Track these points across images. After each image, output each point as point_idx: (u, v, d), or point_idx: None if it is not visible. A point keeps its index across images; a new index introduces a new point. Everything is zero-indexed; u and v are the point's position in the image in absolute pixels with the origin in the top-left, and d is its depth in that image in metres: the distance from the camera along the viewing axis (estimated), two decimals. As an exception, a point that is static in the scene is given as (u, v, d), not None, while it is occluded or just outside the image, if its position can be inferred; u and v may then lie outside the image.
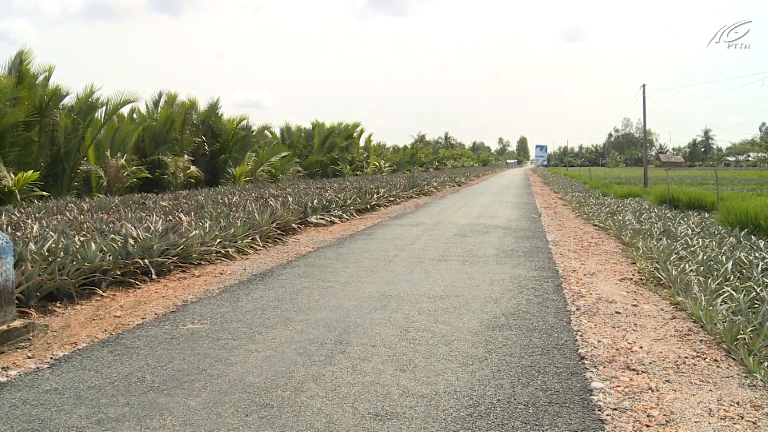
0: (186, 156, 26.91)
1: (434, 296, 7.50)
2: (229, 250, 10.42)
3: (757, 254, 9.56)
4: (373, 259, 10.14)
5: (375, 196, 21.86)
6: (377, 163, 54.01)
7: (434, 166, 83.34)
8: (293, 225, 13.95)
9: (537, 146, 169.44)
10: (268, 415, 4.02)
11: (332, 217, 16.32)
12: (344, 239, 12.81)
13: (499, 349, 5.46)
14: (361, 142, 53.72)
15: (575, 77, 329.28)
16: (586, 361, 5.19)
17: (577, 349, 5.49)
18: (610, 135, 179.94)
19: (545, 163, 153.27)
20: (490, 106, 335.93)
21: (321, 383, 4.59)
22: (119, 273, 8.05)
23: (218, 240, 10.41)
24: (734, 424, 4.03)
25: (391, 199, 23.51)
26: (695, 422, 4.04)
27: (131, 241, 8.85)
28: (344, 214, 17.34)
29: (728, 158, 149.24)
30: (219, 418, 3.96)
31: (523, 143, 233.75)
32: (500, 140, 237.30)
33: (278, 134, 42.72)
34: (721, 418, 4.11)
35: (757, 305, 6.49)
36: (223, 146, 30.32)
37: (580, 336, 5.91)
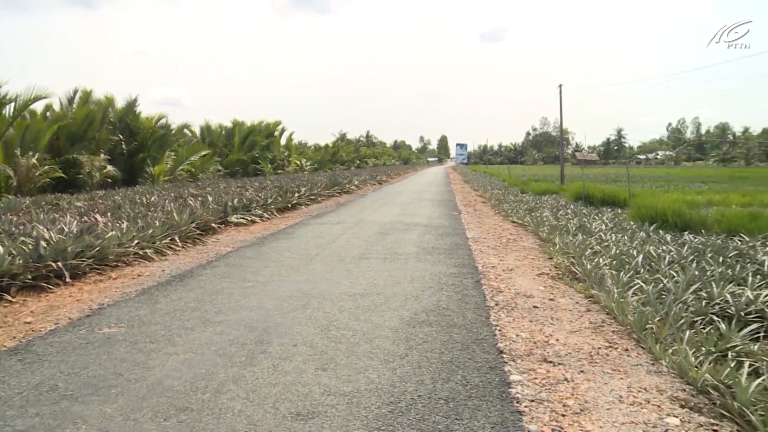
0: (102, 155, 26.12)
1: (355, 294, 7.51)
2: (148, 251, 10.19)
3: (664, 248, 9.96)
4: (294, 258, 10.09)
5: (296, 195, 21.74)
6: (298, 162, 53.75)
7: (356, 164, 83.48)
8: (213, 225, 13.75)
9: (457, 144, 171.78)
10: (188, 418, 3.96)
11: (253, 217, 16.16)
12: (265, 238, 12.70)
13: (420, 345, 5.52)
14: (283, 141, 53.38)
15: (495, 77, 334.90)
16: (504, 355, 5.30)
17: (496, 344, 5.60)
18: (529, 134, 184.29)
19: (465, 161, 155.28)
20: (411, 105, 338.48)
21: (242, 384, 4.54)
22: (30, 277, 7.77)
23: (136, 241, 10.17)
24: (642, 408, 4.22)
25: (313, 197, 23.44)
26: (607, 409, 4.20)
27: (43, 243, 8.56)
28: (265, 213, 17.20)
29: (639, 156, 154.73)
30: (136, 424, 3.87)
31: (443, 142, 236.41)
32: (421, 139, 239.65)
33: (198, 133, 41.95)
34: (630, 404, 4.29)
35: (664, 296, 6.76)
36: (141, 145, 29.57)
37: (499, 331, 6.02)
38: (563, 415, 4.11)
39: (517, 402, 4.30)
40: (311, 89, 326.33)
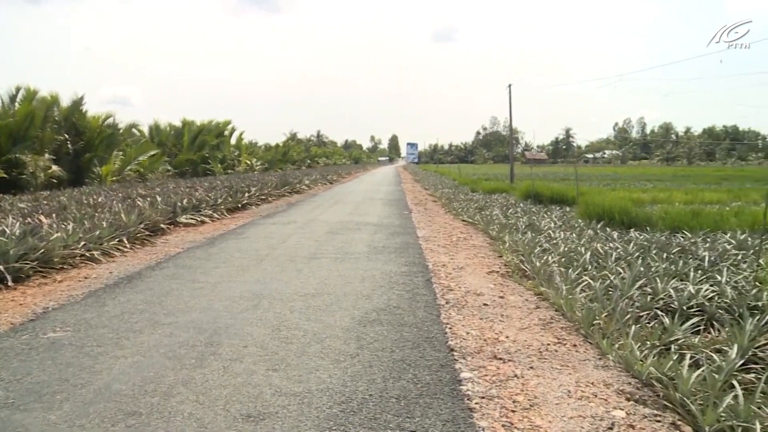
0: (47, 155, 25.56)
1: (306, 294, 7.49)
2: (95, 252, 10.00)
3: (611, 245, 10.16)
4: (245, 259, 10.01)
5: (246, 194, 21.58)
6: (249, 162, 53.37)
7: (306, 164, 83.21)
8: (162, 225, 13.56)
9: (408, 144, 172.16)
10: (136, 423, 3.90)
11: (203, 217, 15.99)
12: (215, 239, 12.58)
13: (371, 344, 5.53)
14: (233, 141, 52.94)
15: (446, 77, 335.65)
16: (455, 353, 5.34)
17: (447, 342, 5.64)
18: (479, 133, 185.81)
19: (416, 160, 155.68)
20: (362, 104, 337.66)
21: (191, 387, 4.49)
22: (-30, 281, 7.58)
23: (82, 243, 9.97)
24: (589, 402, 4.31)
25: (263, 197, 23.29)
26: (556, 404, 4.27)
27: (-16, 246, 8.35)
28: (215, 214, 17.03)
29: (587, 155, 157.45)
30: (82, 431, 3.80)
31: (394, 141, 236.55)
32: (372, 138, 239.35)
33: (147, 132, 41.29)
34: (578, 399, 4.37)
35: (611, 292, 6.90)
36: (88, 145, 28.99)
37: (450, 329, 6.07)
38: (513, 411, 4.16)
39: (468, 399, 4.34)
40: (262, 88, 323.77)
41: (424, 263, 9.73)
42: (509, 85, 40.46)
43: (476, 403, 4.27)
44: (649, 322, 6.03)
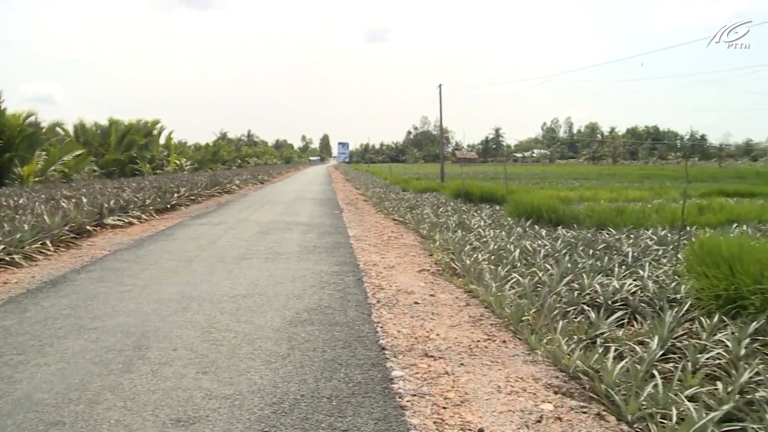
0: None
1: (237, 295, 7.41)
2: (15, 256, 9.67)
3: (540, 242, 10.37)
4: (174, 260, 9.84)
5: (175, 195, 21.21)
6: (178, 162, 52.49)
7: (237, 164, 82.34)
8: (88, 227, 13.19)
9: (339, 143, 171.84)
10: None
11: (130, 218, 15.64)
12: (143, 240, 12.32)
13: (302, 344, 5.51)
14: (162, 140, 51.94)
15: (378, 77, 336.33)
16: (386, 351, 5.36)
17: (378, 340, 5.67)
18: (410, 132, 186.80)
19: (347, 159, 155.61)
20: (294, 103, 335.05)
21: (119, 393, 4.39)
22: None
23: (2, 246, 9.64)
24: (519, 397, 4.40)
25: (193, 198, 22.93)
26: (486, 400, 4.34)
27: None
28: (143, 215, 16.68)
29: (516, 155, 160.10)
30: (1, 441, 3.68)
31: (325, 141, 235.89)
32: (303, 138, 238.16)
33: (72, 132, 40.10)
34: (508, 394, 4.45)
35: (539, 288, 7.06)
36: (8, 144, 27.96)
37: (381, 327, 6.10)
38: (444, 408, 4.21)
39: (400, 397, 4.37)
40: (192, 87, 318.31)
41: (355, 262, 9.75)
42: (439, 85, 40.87)
43: (408, 401, 4.30)
44: (576, 317, 6.19)
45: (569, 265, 8.21)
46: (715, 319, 5.77)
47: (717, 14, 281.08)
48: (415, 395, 4.41)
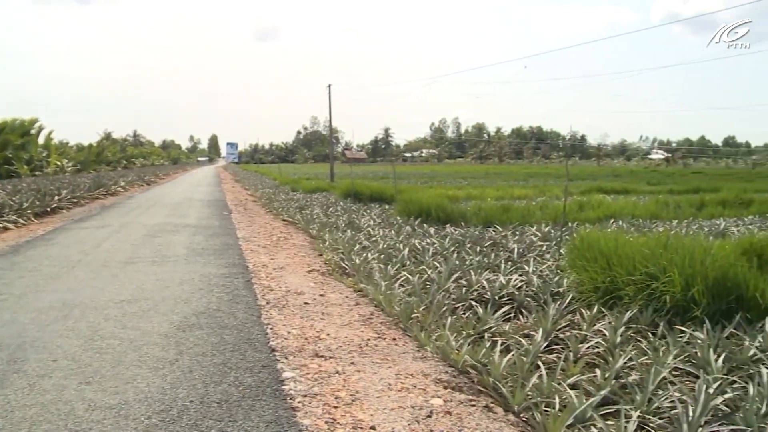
0: None
1: (122, 301, 7.17)
2: None
3: (428, 240, 10.55)
4: (54, 266, 9.41)
5: (56, 198, 20.29)
6: (59, 163, 50.21)
7: (123, 164, 79.58)
8: (-44, 234, 12.47)
9: (228, 144, 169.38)
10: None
11: (6, 223, 14.85)
12: (20, 246, 11.72)
13: (191, 349, 5.40)
14: (41, 140, 49.47)
15: (268, 76, 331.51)
16: (277, 353, 5.33)
17: (268, 342, 5.62)
18: (300, 132, 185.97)
19: (236, 160, 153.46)
20: (181, 103, 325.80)
21: (-10, 410, 4.14)
22: None
23: None
24: (409, 393, 4.46)
25: (75, 200, 22.01)
26: (377, 397, 4.38)
27: None
28: (20, 219, 15.86)
29: (405, 154, 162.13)
30: None
31: (214, 141, 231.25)
32: (191, 138, 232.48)
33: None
34: (399, 390, 4.51)
35: (428, 286, 7.18)
36: None
37: (271, 329, 6.04)
38: (336, 407, 4.21)
39: (291, 398, 4.34)
40: (75, 85, 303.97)
41: (244, 264, 9.62)
42: (329, 85, 41.14)
43: (299, 402, 4.28)
44: (464, 313, 6.34)
45: (457, 262, 8.39)
46: (595, 310, 6.05)
47: (594, 22, 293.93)
48: (306, 396, 4.40)
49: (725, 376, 4.43)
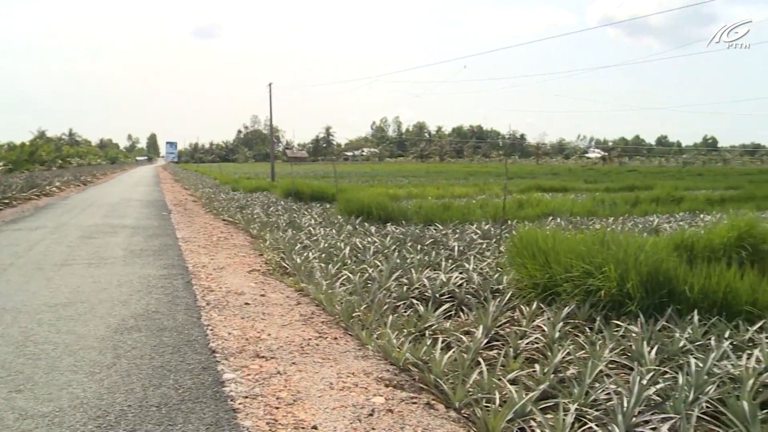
0: None
1: (57, 304, 6.98)
2: None
3: (369, 239, 10.57)
4: (-17, 271, 9.13)
5: (-16, 199, 19.73)
6: (-13, 162, 48.81)
7: (58, 164, 77.57)
8: None
9: (167, 143, 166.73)
10: None
11: (-69, 226, 14.38)
12: (-53, 250, 11.34)
13: (129, 352, 5.29)
14: (-34, 139, 48.06)
15: (208, 75, 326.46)
16: (217, 354, 5.27)
17: (208, 344, 5.55)
18: (240, 132, 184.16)
19: (176, 159, 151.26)
20: (118, 102, 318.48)
21: None
22: None
23: None
24: (351, 392, 4.47)
25: (6, 201, 21.37)
26: (318, 397, 4.37)
27: None
28: (-54, 222, 15.38)
29: (347, 153, 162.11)
30: None
31: (153, 140, 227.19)
32: (130, 137, 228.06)
33: None
34: (340, 389, 4.51)
35: (370, 284, 7.20)
36: None
37: (211, 330, 5.97)
38: (277, 408, 4.19)
39: (232, 400, 4.30)
40: (5, 82, 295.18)
41: (184, 265, 9.49)
42: (270, 84, 40.93)
43: (240, 404, 4.24)
44: (405, 311, 6.38)
45: (398, 260, 8.43)
46: (534, 306, 6.16)
47: (533, 23, 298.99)
48: (247, 397, 4.36)
49: (658, 368, 4.58)
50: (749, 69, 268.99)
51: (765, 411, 3.83)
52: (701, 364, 4.47)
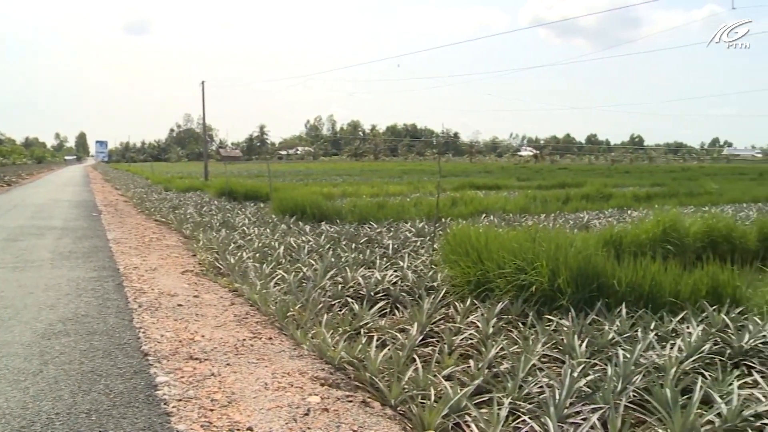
0: None
1: (-22, 310, 6.76)
2: None
3: (304, 238, 10.55)
4: None
5: None
6: None
7: (-22, 164, 75.18)
8: None
9: (97, 142, 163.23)
10: None
11: None
12: None
13: (57, 358, 5.15)
14: None
15: (139, 72, 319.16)
16: (149, 357, 5.17)
17: (140, 347, 5.44)
18: (173, 130, 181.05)
19: (107, 159, 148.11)
20: (45, 99, 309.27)
21: None
22: None
23: None
24: (286, 392, 4.45)
25: (-76, 204, 20.62)
26: (254, 398, 4.34)
27: None
28: None
29: (281, 152, 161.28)
30: None
31: (82, 139, 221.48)
32: (57, 136, 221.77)
33: None
34: (275, 390, 4.48)
35: (304, 283, 7.19)
36: None
37: (143, 333, 5.86)
38: (212, 410, 4.14)
39: (165, 403, 4.23)
40: None
41: (115, 267, 9.28)
42: (202, 82, 40.37)
43: (173, 407, 4.17)
44: (340, 310, 6.38)
45: (333, 259, 8.43)
46: (468, 303, 6.24)
47: (466, 23, 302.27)
48: (181, 400, 4.29)
49: (588, 360, 4.71)
50: (674, 70, 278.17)
51: (685, 396, 3.98)
52: (628, 355, 4.62)
